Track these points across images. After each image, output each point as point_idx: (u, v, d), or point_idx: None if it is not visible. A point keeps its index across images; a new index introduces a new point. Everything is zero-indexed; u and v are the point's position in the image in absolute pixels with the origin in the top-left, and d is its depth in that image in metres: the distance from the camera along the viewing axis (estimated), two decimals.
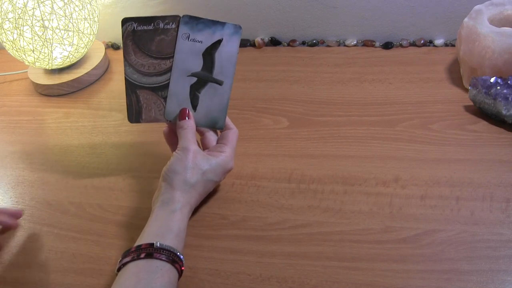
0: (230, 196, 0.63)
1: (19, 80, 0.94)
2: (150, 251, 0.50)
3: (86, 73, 0.89)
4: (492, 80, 0.67)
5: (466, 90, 0.73)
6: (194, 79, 0.62)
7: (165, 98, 0.63)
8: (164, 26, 0.61)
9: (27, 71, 0.93)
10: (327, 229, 0.57)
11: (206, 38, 0.61)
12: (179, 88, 0.62)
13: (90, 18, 0.84)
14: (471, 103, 0.70)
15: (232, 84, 0.62)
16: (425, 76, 0.78)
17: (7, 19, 0.79)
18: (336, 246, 0.55)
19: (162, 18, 0.61)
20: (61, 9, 0.80)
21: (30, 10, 0.78)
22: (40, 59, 0.83)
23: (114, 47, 0.99)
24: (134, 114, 0.63)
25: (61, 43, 0.82)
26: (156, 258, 0.49)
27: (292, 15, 0.88)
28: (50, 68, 0.88)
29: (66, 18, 0.81)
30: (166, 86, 0.63)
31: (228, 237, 0.58)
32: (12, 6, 0.78)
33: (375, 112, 0.73)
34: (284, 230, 0.58)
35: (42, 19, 0.79)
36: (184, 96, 0.62)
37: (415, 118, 0.70)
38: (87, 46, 0.87)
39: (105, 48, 0.95)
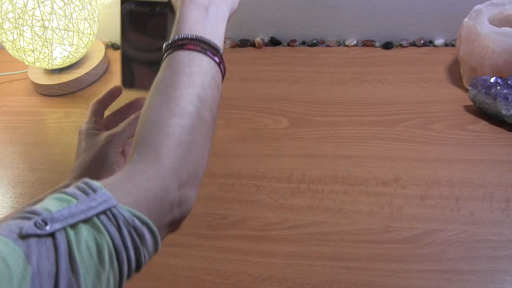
0: (230, 196, 0.63)
1: (19, 80, 0.94)
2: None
3: (86, 73, 0.89)
4: (492, 80, 0.67)
5: (466, 90, 0.73)
6: None
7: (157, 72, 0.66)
8: (160, 11, 0.65)
9: (27, 71, 0.93)
10: (327, 229, 0.57)
11: None
12: None
13: (90, 18, 0.84)
14: (471, 103, 0.70)
15: None
16: (425, 76, 0.78)
17: (7, 19, 0.79)
18: (336, 246, 0.55)
19: (159, 3, 0.65)
20: (61, 9, 0.80)
21: (30, 10, 0.78)
22: (40, 59, 0.83)
23: (114, 47, 0.99)
24: (128, 80, 0.65)
25: (61, 43, 0.82)
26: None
27: (292, 15, 0.88)
28: (50, 68, 0.88)
29: (66, 18, 0.81)
30: (158, 62, 0.65)
31: (228, 237, 0.58)
32: (12, 6, 0.78)
33: (375, 112, 0.73)
34: (284, 230, 0.58)
35: (42, 19, 0.79)
36: None
37: (415, 118, 0.70)
38: (87, 46, 0.87)
39: (105, 48, 0.95)
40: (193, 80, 0.52)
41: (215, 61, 0.53)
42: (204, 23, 0.55)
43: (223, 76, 0.55)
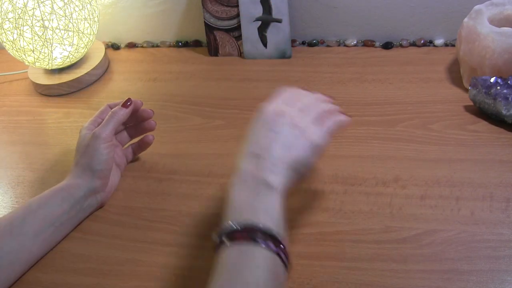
0: None
1: (19, 80, 0.94)
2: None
3: (86, 73, 0.89)
4: (492, 80, 0.67)
5: (466, 90, 0.73)
6: (259, 23, 0.83)
7: (235, 38, 0.85)
8: None
9: (27, 71, 0.93)
10: (327, 229, 0.57)
11: None
12: (250, 32, 0.84)
13: (90, 18, 0.84)
14: (471, 103, 0.70)
15: (289, 19, 0.82)
16: (425, 76, 0.78)
17: (7, 19, 0.79)
18: (336, 246, 0.55)
19: None
20: (61, 9, 0.80)
21: (30, 10, 0.78)
22: (40, 59, 0.83)
23: (114, 47, 0.99)
24: (213, 49, 0.86)
25: (61, 43, 0.82)
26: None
27: (292, 15, 0.88)
28: (50, 68, 0.88)
29: (66, 18, 0.81)
30: (235, 28, 0.84)
31: None
32: (12, 6, 0.78)
33: (375, 112, 0.73)
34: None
35: (42, 19, 0.79)
36: (255, 38, 0.84)
37: (415, 118, 0.70)
38: (87, 46, 0.87)
39: (105, 48, 0.95)
40: (244, 279, 0.43)
41: (271, 249, 0.44)
42: (254, 204, 0.46)
43: (286, 265, 0.45)
